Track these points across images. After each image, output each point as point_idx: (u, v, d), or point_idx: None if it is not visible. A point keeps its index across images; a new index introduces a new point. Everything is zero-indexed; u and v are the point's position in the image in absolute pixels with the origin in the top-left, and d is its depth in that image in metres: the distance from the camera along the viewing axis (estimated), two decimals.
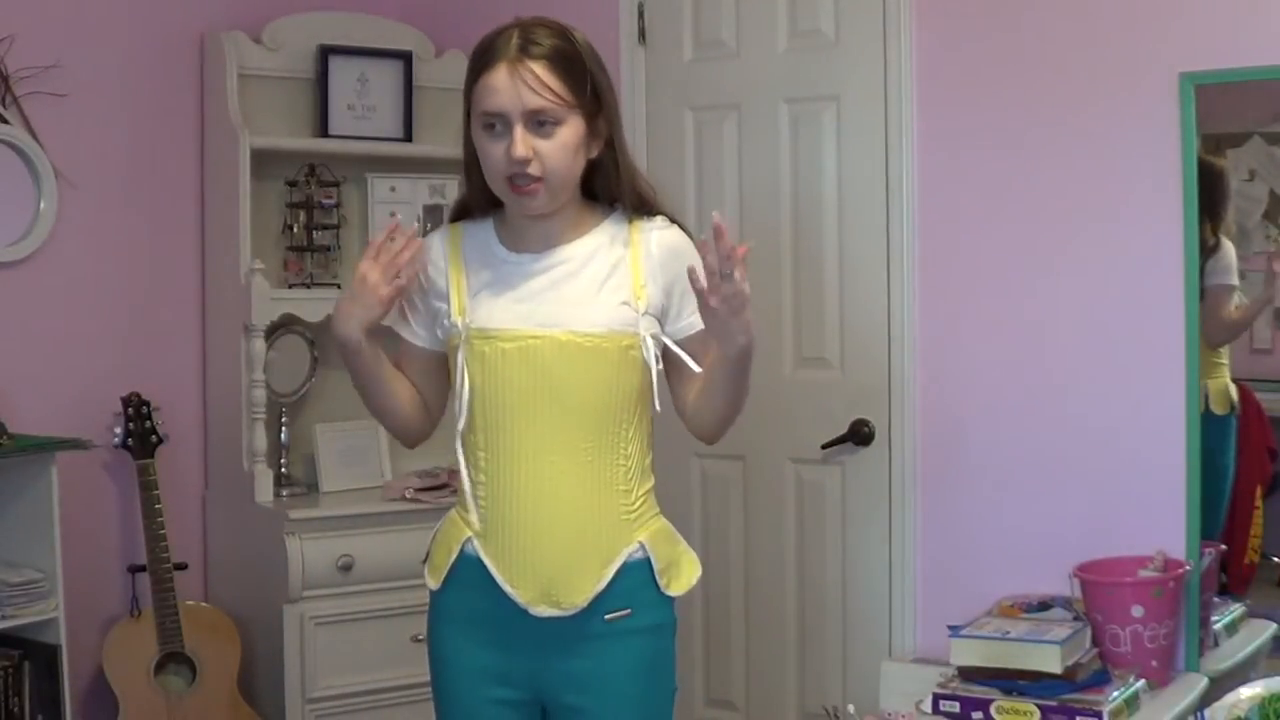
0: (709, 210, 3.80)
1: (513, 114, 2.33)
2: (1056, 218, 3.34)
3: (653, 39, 3.95)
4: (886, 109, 3.55)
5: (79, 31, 3.86)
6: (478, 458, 2.42)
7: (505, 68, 2.33)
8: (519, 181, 2.35)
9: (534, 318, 2.39)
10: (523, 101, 2.32)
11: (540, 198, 2.37)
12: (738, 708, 3.87)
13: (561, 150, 2.35)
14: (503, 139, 2.34)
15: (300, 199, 4.11)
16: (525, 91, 2.32)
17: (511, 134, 2.33)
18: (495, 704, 2.44)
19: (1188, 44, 3.13)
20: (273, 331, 4.01)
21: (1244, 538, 3.33)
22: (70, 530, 3.55)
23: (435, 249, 2.48)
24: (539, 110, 2.33)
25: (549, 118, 2.34)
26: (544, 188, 2.36)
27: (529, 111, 2.33)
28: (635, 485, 2.44)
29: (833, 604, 3.69)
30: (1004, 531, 3.42)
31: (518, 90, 2.32)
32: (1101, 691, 2.91)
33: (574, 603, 2.38)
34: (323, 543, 3.79)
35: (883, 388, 3.58)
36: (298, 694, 3.76)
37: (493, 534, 2.40)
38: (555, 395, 2.38)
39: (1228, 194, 3.23)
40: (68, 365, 3.86)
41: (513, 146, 2.32)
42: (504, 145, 2.34)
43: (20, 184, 3.75)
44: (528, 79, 2.32)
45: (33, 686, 3.48)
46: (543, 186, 2.36)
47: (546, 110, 2.33)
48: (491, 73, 2.34)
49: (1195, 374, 3.15)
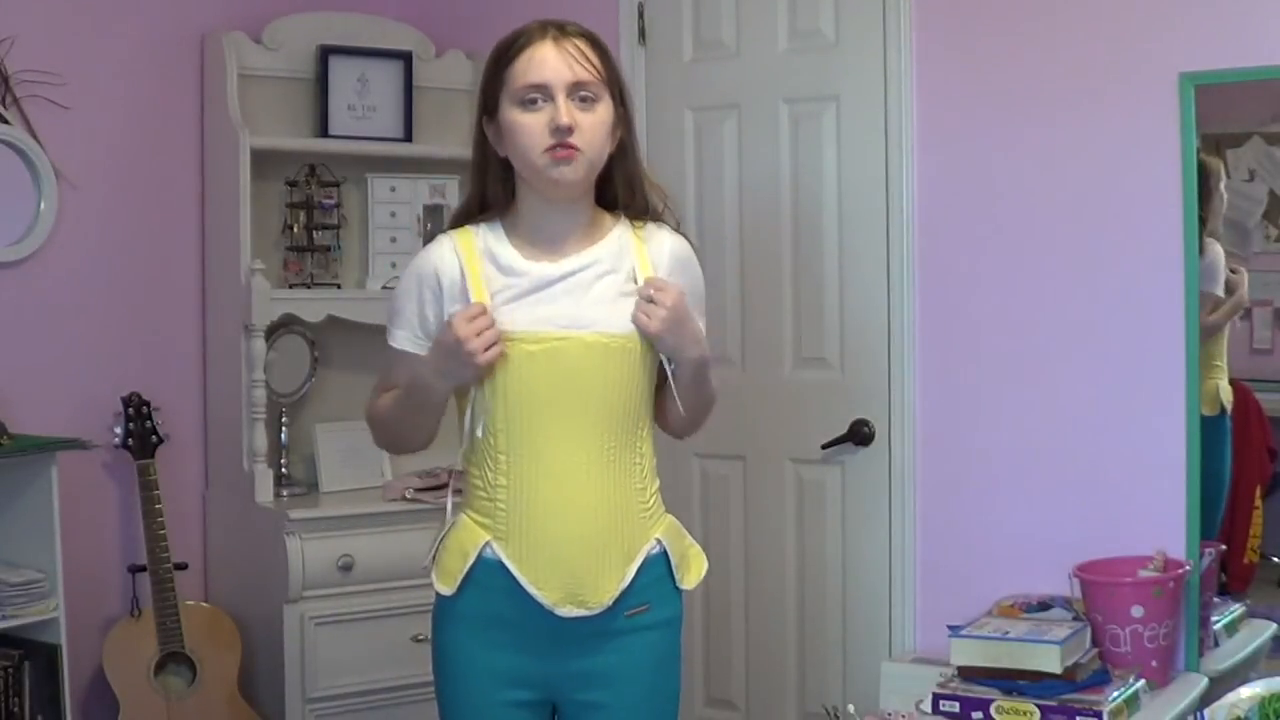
0: (709, 210, 3.85)
1: (557, 85, 2.35)
2: (1056, 218, 3.34)
3: (653, 39, 3.95)
4: (886, 109, 3.55)
5: (79, 32, 3.86)
6: (497, 460, 2.41)
7: (551, 42, 2.37)
8: (560, 150, 2.35)
9: (558, 320, 2.39)
10: (571, 72, 2.36)
11: (578, 166, 2.38)
12: (738, 708, 3.87)
13: (600, 126, 2.39)
14: (543, 111, 2.36)
15: (300, 199, 4.11)
16: (573, 64, 2.36)
17: (555, 104, 2.35)
18: (508, 706, 2.45)
19: (1188, 44, 3.13)
20: (273, 331, 4.01)
21: (1244, 538, 3.33)
22: (70, 530, 3.54)
23: (446, 255, 2.46)
24: (583, 83, 2.37)
25: (590, 92, 2.38)
26: (582, 158, 2.37)
27: (574, 83, 2.36)
28: (649, 483, 2.48)
29: (833, 604, 3.69)
30: (1004, 531, 3.42)
31: (566, 61, 2.36)
32: (1101, 691, 2.91)
33: (600, 601, 2.40)
34: (323, 543, 3.78)
35: (883, 388, 3.58)
36: (298, 694, 3.76)
37: (515, 536, 2.40)
38: (581, 396, 2.39)
39: (1214, 194, 3.22)
40: (68, 365, 3.86)
41: (558, 115, 2.34)
42: (545, 117, 2.35)
43: (20, 184, 3.75)
44: (574, 52, 2.37)
45: (33, 686, 3.48)
46: (581, 156, 2.37)
47: (590, 84, 2.37)
48: (535, 48, 2.37)
49: (1195, 374, 3.15)
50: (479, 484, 2.44)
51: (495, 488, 2.42)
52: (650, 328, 2.39)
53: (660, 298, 2.39)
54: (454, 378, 2.40)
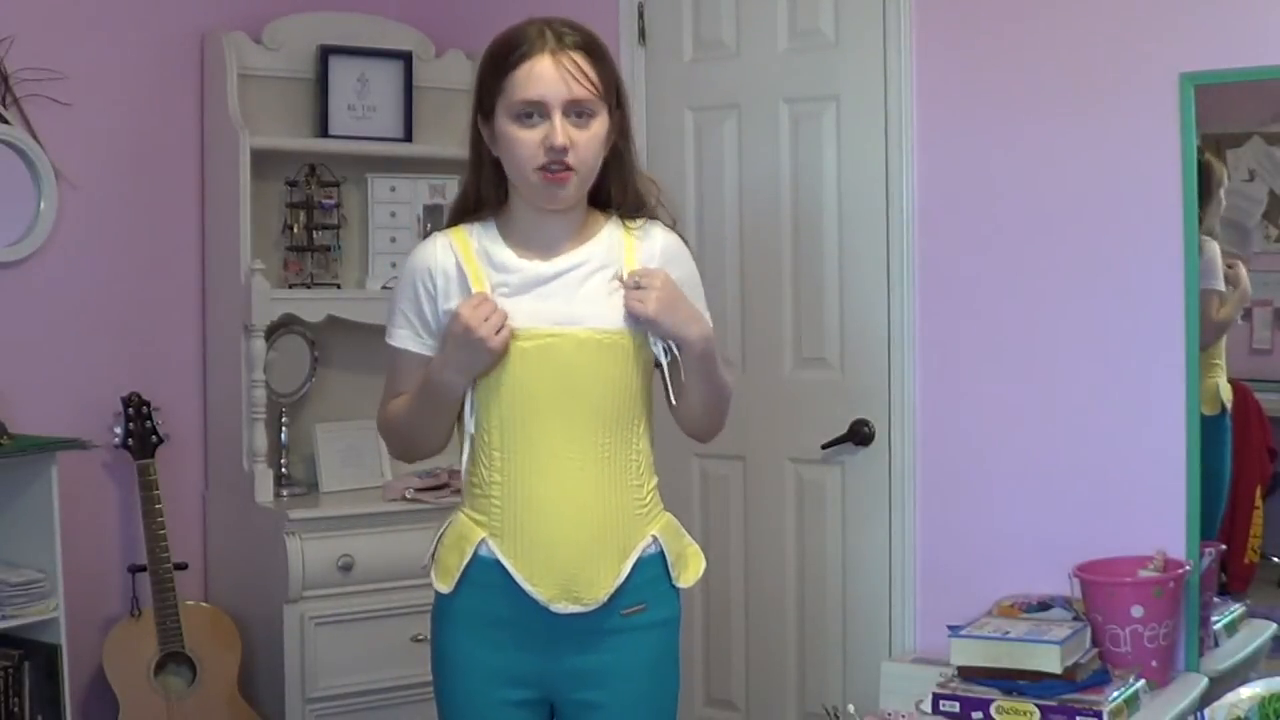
0: (709, 210, 3.85)
1: (554, 103, 2.34)
2: (1056, 218, 3.34)
3: (653, 39, 3.95)
4: (886, 109, 3.55)
5: (79, 32, 3.86)
6: (492, 457, 2.42)
7: (549, 57, 2.34)
8: (554, 169, 2.35)
9: (552, 317, 2.39)
10: (568, 91, 2.34)
11: (571, 187, 2.37)
12: (738, 708, 3.87)
13: (594, 142, 2.38)
14: (538, 128, 2.34)
15: (300, 199, 4.11)
16: (570, 81, 2.34)
17: (551, 122, 2.33)
18: (506, 705, 2.45)
19: (1188, 44, 3.13)
20: (273, 331, 4.01)
21: (1244, 538, 3.33)
22: (70, 530, 3.54)
23: (439, 252, 2.47)
24: (580, 100, 2.35)
25: (587, 109, 2.36)
26: (575, 178, 2.37)
27: (571, 101, 2.34)
28: (645, 480, 2.47)
29: (833, 604, 3.69)
30: (1004, 531, 3.42)
31: (563, 79, 2.34)
32: (1101, 691, 2.91)
33: (595, 598, 2.40)
34: (323, 543, 3.79)
35: (883, 388, 3.58)
36: (298, 694, 3.76)
37: (510, 533, 2.40)
38: (574, 393, 2.39)
39: (1213, 197, 3.22)
40: (68, 365, 3.86)
41: (554, 135, 2.33)
42: (540, 134, 2.34)
43: (20, 184, 3.75)
44: (571, 69, 2.34)
45: (33, 686, 3.48)
46: (575, 176, 2.37)
47: (586, 101, 2.35)
48: (533, 62, 2.34)
49: (1195, 373, 3.15)
50: (475, 481, 2.45)
51: (490, 484, 2.42)
52: (645, 311, 2.37)
53: (647, 281, 2.38)
54: (468, 368, 2.39)
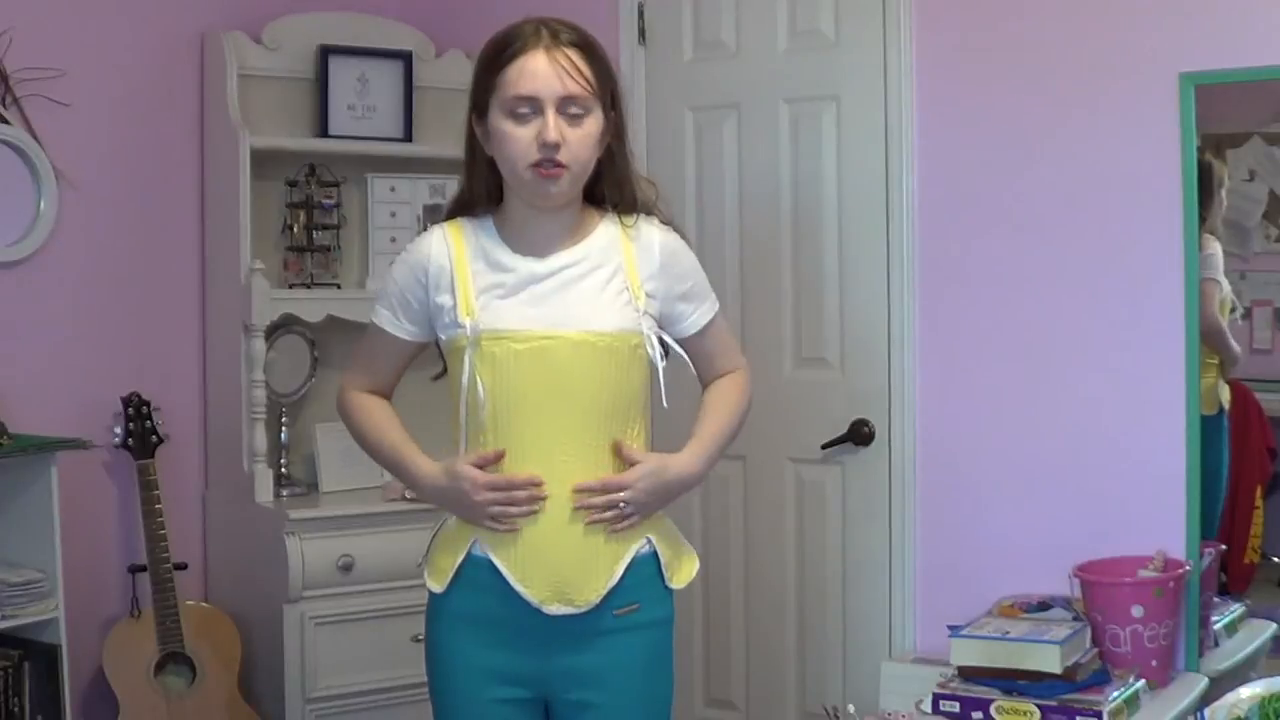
0: (709, 210, 3.85)
1: (547, 99, 2.34)
2: (1056, 218, 3.34)
3: (653, 39, 3.95)
4: (886, 109, 3.55)
5: (79, 32, 3.86)
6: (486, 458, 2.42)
7: (543, 53, 2.35)
8: (546, 166, 2.35)
9: (545, 319, 2.40)
10: (562, 86, 2.34)
11: (563, 183, 2.38)
12: (738, 708, 3.87)
13: (587, 140, 2.39)
14: (531, 124, 2.35)
15: (300, 199, 4.11)
16: (564, 77, 2.34)
17: (544, 119, 2.34)
18: (500, 704, 2.45)
19: (1188, 44, 3.13)
20: (273, 331, 4.01)
21: (1244, 538, 3.33)
22: (70, 530, 3.54)
23: (437, 245, 2.48)
24: (574, 97, 2.35)
25: (580, 107, 2.37)
26: (567, 175, 2.37)
27: (564, 98, 2.35)
28: None
29: (833, 604, 3.69)
30: (1004, 531, 3.42)
31: (557, 75, 2.34)
32: (1101, 691, 2.91)
33: (587, 599, 2.40)
34: (323, 543, 3.79)
35: (883, 388, 3.58)
36: (298, 694, 3.76)
37: (503, 535, 2.40)
38: (568, 395, 2.39)
39: (1214, 197, 3.22)
40: (68, 365, 3.86)
41: (546, 131, 2.34)
42: (532, 130, 2.35)
43: (20, 184, 3.75)
44: (565, 65, 2.35)
45: (33, 686, 3.48)
46: (567, 173, 2.37)
47: (580, 98, 2.36)
48: (527, 58, 2.35)
49: (1195, 373, 3.15)
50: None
51: None
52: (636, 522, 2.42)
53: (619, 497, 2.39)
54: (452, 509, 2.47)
